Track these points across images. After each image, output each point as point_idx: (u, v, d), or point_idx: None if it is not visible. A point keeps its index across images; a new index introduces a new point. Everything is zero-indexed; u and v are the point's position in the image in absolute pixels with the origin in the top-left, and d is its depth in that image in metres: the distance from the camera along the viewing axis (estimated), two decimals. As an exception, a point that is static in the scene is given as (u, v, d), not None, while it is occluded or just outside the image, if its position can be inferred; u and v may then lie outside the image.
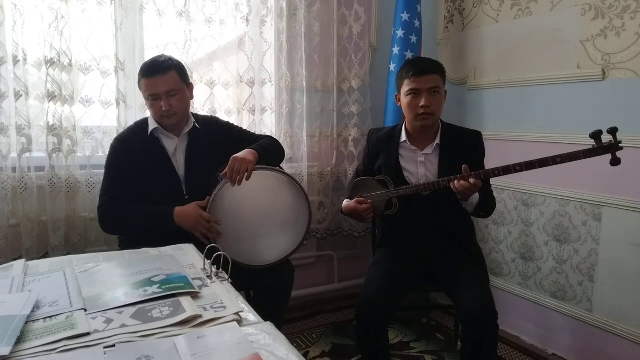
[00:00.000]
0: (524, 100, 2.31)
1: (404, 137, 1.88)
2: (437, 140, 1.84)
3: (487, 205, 1.81)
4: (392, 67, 2.52)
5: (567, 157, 1.53)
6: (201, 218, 1.64)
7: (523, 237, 2.36)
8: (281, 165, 1.98)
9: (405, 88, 1.79)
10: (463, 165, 1.64)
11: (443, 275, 1.79)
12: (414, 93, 1.76)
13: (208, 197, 1.69)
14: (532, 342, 2.34)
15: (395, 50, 2.51)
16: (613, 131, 1.48)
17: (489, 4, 2.46)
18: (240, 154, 1.70)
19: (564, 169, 2.12)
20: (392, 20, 2.56)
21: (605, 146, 1.49)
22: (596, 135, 1.49)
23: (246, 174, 1.66)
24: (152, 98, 1.72)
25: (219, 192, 1.68)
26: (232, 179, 1.65)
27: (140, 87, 1.77)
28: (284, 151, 2.00)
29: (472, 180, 1.62)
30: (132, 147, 1.77)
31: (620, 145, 1.49)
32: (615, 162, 1.50)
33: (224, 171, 1.67)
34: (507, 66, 2.39)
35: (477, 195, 1.73)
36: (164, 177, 1.77)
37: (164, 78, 1.70)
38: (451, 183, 1.66)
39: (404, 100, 1.80)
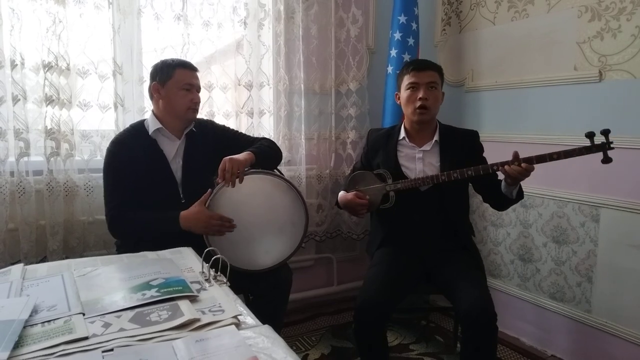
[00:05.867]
0: (521, 101, 2.31)
1: (402, 134, 1.92)
2: (436, 137, 1.88)
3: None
4: (390, 69, 2.52)
5: (563, 154, 1.61)
6: (211, 218, 1.65)
7: (521, 239, 2.36)
8: (279, 167, 1.98)
9: (405, 83, 1.86)
10: (514, 151, 1.66)
11: (442, 277, 1.79)
12: (413, 87, 1.82)
13: (210, 190, 1.69)
14: (531, 343, 2.34)
15: (393, 52, 2.51)
16: (606, 132, 1.55)
17: (485, 6, 2.47)
18: (233, 156, 1.70)
19: (562, 171, 2.13)
20: (390, 23, 2.56)
21: (598, 145, 1.57)
22: (590, 135, 1.57)
23: (238, 176, 1.66)
24: (187, 88, 1.79)
25: (215, 197, 1.68)
26: (225, 179, 1.65)
27: (171, 76, 1.77)
28: (281, 152, 2.00)
29: (524, 165, 1.63)
30: (129, 149, 1.76)
31: (611, 145, 1.56)
32: (606, 160, 1.57)
33: (219, 177, 1.67)
34: (504, 68, 2.40)
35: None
36: (162, 180, 1.77)
37: (197, 75, 1.86)
38: (502, 168, 1.67)
39: (404, 95, 1.86)
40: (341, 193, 1.97)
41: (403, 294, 1.76)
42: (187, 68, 1.82)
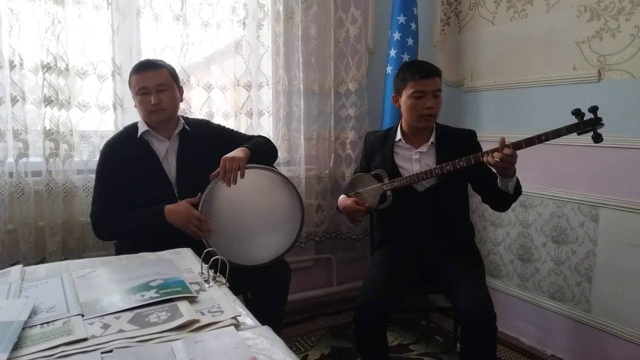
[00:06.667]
0: (521, 101, 2.31)
1: (399, 136, 1.92)
2: (432, 139, 1.88)
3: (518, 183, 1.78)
4: (389, 69, 2.52)
5: (551, 134, 1.56)
6: (192, 216, 1.64)
7: (521, 239, 2.36)
8: (277, 167, 1.98)
9: (409, 90, 1.81)
10: (501, 137, 1.61)
11: (441, 277, 1.79)
12: (419, 95, 1.79)
13: (200, 193, 1.69)
14: (531, 343, 2.34)
15: (392, 53, 2.51)
16: (594, 109, 1.50)
17: (485, 6, 2.47)
18: (230, 153, 1.70)
19: (561, 171, 2.13)
20: (389, 23, 2.56)
21: (587, 121, 1.52)
22: (577, 112, 1.52)
23: (239, 172, 1.65)
24: (142, 92, 1.73)
25: (210, 192, 1.68)
26: (226, 178, 1.64)
27: (130, 86, 1.79)
28: (276, 150, 1.98)
29: (506, 151, 1.56)
30: (122, 151, 1.77)
31: (601, 122, 1.51)
32: (597, 137, 1.52)
33: (215, 172, 1.66)
34: (503, 68, 2.40)
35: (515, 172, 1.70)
36: (154, 180, 1.77)
37: (155, 73, 1.75)
38: (485, 158, 1.62)
39: (407, 101, 1.83)
40: (341, 197, 1.98)
41: (403, 293, 1.76)
42: (139, 72, 1.75)
